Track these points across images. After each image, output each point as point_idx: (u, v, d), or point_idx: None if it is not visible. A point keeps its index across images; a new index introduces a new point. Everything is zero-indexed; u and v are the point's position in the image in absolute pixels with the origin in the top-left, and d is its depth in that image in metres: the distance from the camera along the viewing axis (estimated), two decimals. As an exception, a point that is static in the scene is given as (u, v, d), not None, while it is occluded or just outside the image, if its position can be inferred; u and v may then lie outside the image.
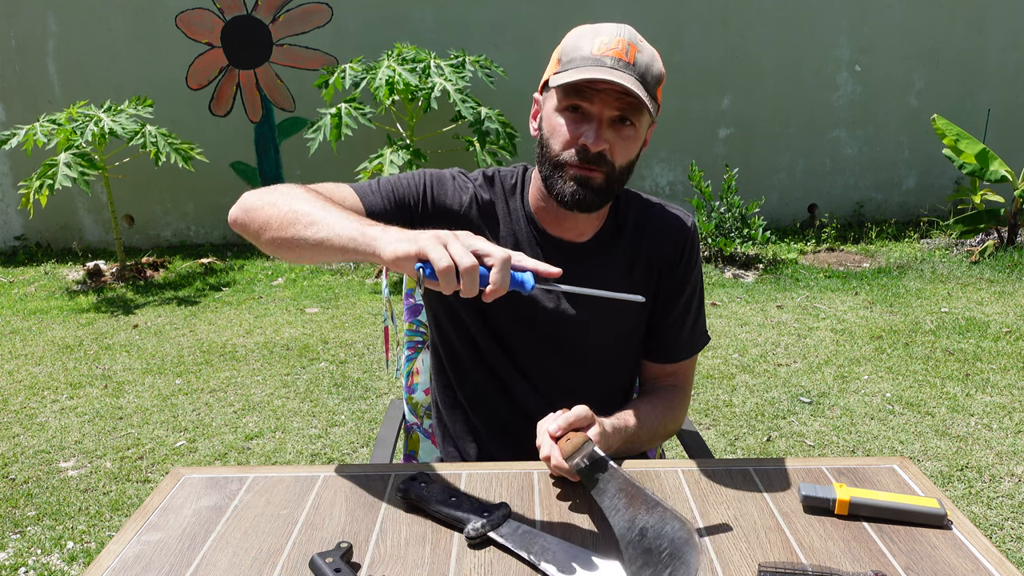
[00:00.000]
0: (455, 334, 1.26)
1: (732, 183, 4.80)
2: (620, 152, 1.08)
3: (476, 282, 0.82)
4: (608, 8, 5.18)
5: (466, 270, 0.81)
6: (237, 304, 4.39)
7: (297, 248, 0.95)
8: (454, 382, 1.31)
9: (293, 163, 5.53)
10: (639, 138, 1.11)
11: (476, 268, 0.82)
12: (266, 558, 0.89)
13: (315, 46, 5.31)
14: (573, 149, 1.07)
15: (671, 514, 0.83)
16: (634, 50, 1.05)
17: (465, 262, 0.81)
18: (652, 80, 1.07)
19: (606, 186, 1.10)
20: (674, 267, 1.23)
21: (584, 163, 1.07)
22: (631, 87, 1.02)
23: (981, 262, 4.75)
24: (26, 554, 2.16)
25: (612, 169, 1.09)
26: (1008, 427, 2.76)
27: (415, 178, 1.18)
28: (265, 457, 2.67)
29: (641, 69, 1.05)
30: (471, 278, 0.81)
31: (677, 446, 2.23)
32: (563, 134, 1.08)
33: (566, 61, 1.07)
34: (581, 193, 1.08)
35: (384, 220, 1.10)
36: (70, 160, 4.27)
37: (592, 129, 1.06)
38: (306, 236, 0.93)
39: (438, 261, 0.81)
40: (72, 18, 5.23)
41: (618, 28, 1.07)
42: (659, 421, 1.20)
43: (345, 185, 1.14)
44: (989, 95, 5.57)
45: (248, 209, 1.02)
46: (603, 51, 1.04)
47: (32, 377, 3.40)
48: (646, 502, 0.86)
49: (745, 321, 3.90)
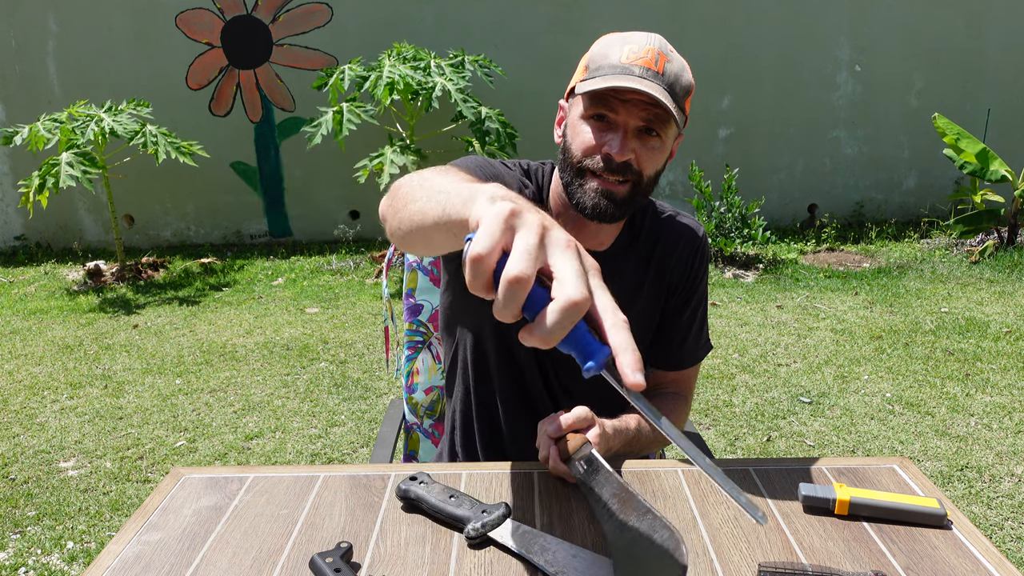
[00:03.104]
0: (457, 330, 1.26)
1: (732, 183, 4.80)
2: (647, 162, 1.06)
3: (516, 302, 0.56)
4: (608, 8, 5.18)
5: (511, 280, 0.54)
6: (237, 304, 4.39)
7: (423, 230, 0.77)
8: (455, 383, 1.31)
9: (293, 163, 5.53)
10: (665, 149, 1.08)
11: (524, 285, 0.55)
12: (266, 558, 0.89)
13: (315, 46, 5.31)
14: (597, 156, 1.05)
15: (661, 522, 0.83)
16: (663, 60, 1.03)
17: (516, 268, 0.55)
18: (681, 91, 1.05)
19: (631, 198, 1.08)
20: (684, 278, 1.23)
21: (608, 172, 1.05)
22: (659, 96, 1.00)
23: (981, 262, 4.75)
24: (26, 554, 2.16)
25: (640, 178, 1.06)
26: (1008, 427, 2.76)
27: (488, 165, 1.12)
28: (265, 457, 2.67)
29: (670, 79, 1.03)
30: (510, 293, 0.55)
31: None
32: (587, 141, 1.06)
33: (594, 69, 1.05)
34: (603, 205, 1.06)
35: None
36: (72, 159, 4.27)
37: (617, 138, 1.04)
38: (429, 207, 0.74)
39: (476, 242, 0.56)
40: (72, 18, 5.23)
41: (648, 37, 1.05)
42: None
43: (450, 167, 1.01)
44: (989, 95, 5.57)
45: (395, 196, 0.86)
46: (632, 59, 1.02)
47: (32, 377, 3.40)
48: (637, 509, 0.86)
49: (745, 321, 3.90)
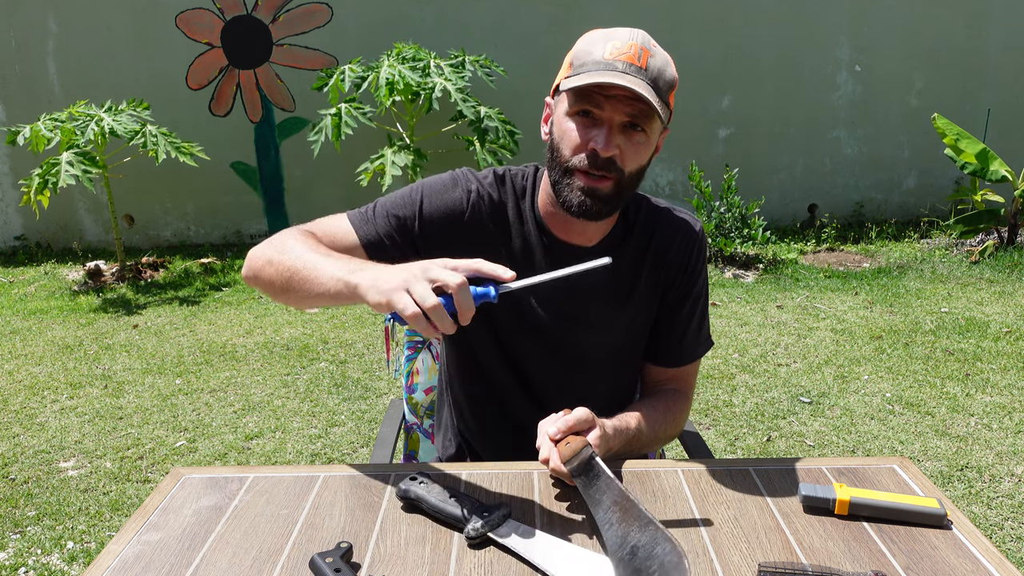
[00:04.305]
0: (459, 338, 1.26)
1: (732, 183, 4.80)
2: (630, 158, 1.07)
3: (446, 318, 0.83)
4: (607, 8, 5.18)
5: (430, 310, 0.83)
6: (237, 304, 4.39)
7: (303, 301, 1.02)
8: (456, 384, 1.31)
9: (293, 163, 5.53)
10: (650, 144, 1.09)
11: (439, 307, 0.83)
12: (266, 558, 0.89)
13: (315, 46, 5.31)
14: (583, 154, 1.06)
15: (663, 535, 0.83)
16: (647, 54, 1.03)
17: (428, 302, 0.83)
18: (664, 85, 1.05)
19: (615, 194, 1.08)
20: (680, 272, 1.23)
21: (593, 169, 1.05)
22: (642, 92, 1.00)
23: (981, 262, 4.75)
24: (26, 554, 2.16)
25: (622, 175, 1.07)
26: (1008, 427, 2.76)
27: (411, 194, 1.16)
28: (265, 457, 2.67)
29: (653, 74, 1.04)
30: (439, 316, 0.83)
31: (677, 446, 2.24)
32: (573, 139, 1.06)
33: (578, 65, 1.06)
34: (588, 203, 1.07)
35: (383, 246, 1.13)
36: (72, 159, 4.27)
37: (602, 134, 1.04)
38: (304, 291, 1.00)
39: (404, 310, 0.83)
40: (72, 18, 5.23)
41: (631, 33, 1.05)
42: (660, 424, 1.20)
43: (342, 217, 1.15)
44: (989, 95, 5.57)
45: (254, 270, 1.09)
46: (615, 55, 1.03)
47: (32, 377, 3.40)
48: (639, 519, 0.86)
49: (745, 321, 3.90)
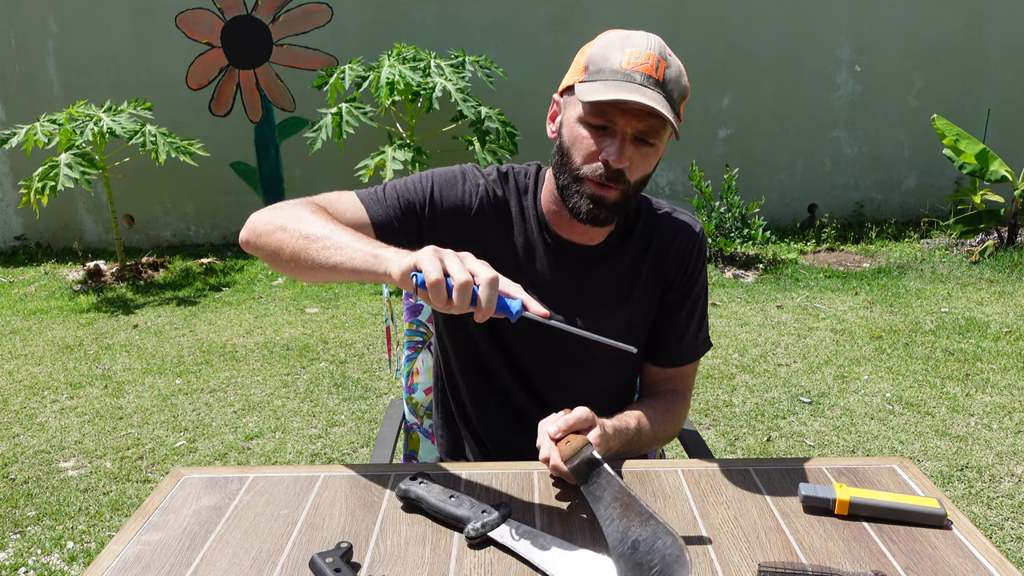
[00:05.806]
0: (459, 337, 1.26)
1: (732, 183, 4.80)
2: (638, 168, 1.08)
3: (468, 299, 0.84)
4: (608, 8, 5.18)
5: (461, 285, 0.83)
6: (237, 304, 4.39)
7: (311, 271, 0.98)
8: (458, 383, 1.31)
9: (293, 163, 5.53)
10: (658, 154, 1.10)
11: (470, 285, 0.83)
12: (266, 558, 0.89)
13: (315, 46, 5.31)
14: (596, 163, 1.06)
15: (664, 529, 0.83)
16: (663, 66, 1.03)
17: (460, 278, 0.83)
18: (678, 96, 1.06)
19: (621, 202, 1.09)
20: (680, 273, 1.23)
21: (605, 178, 1.06)
22: (659, 108, 1.00)
23: (981, 262, 4.75)
24: (26, 554, 2.16)
25: (628, 186, 1.08)
26: (1008, 427, 2.76)
27: (421, 180, 1.17)
28: (265, 457, 2.67)
29: (669, 86, 1.04)
30: (463, 294, 0.83)
31: (677, 446, 2.23)
32: (586, 147, 1.06)
33: (594, 71, 1.05)
34: (596, 212, 1.09)
35: (391, 227, 1.11)
36: (71, 160, 4.26)
37: (615, 145, 1.04)
38: (320, 261, 0.96)
39: (429, 273, 0.83)
40: (72, 18, 5.23)
41: (648, 40, 1.05)
42: (659, 424, 1.20)
43: (350, 194, 1.13)
44: (989, 95, 5.57)
45: (259, 233, 1.04)
46: (633, 65, 1.02)
47: (32, 377, 3.40)
48: (640, 514, 0.86)
49: (745, 321, 3.90)
